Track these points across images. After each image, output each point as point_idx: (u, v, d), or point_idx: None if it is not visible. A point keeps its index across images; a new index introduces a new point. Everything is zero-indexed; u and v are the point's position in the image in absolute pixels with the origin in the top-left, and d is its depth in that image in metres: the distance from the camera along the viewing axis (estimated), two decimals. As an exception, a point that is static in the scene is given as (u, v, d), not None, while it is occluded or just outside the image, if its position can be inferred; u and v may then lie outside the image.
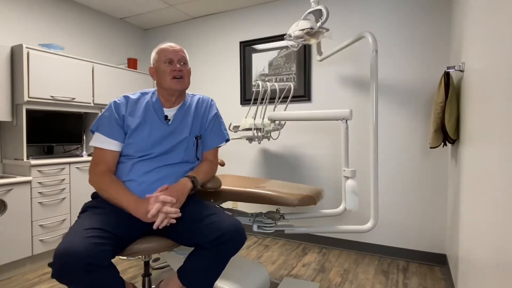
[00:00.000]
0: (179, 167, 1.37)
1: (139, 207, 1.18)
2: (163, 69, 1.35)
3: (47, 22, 2.76)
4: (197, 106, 1.48)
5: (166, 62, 1.35)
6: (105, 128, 1.31)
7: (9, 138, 2.40)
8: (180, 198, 1.25)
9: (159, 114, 1.39)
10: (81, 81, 2.64)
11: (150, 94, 1.43)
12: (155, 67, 1.39)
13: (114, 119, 1.32)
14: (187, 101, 1.47)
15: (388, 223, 2.48)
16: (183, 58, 1.39)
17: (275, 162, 2.94)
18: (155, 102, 1.40)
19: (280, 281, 2.02)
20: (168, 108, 1.42)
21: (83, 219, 1.14)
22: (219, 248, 1.18)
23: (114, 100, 1.37)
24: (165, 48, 1.38)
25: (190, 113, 1.45)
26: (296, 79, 2.82)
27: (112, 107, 1.35)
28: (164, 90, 1.39)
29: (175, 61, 1.36)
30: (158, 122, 1.37)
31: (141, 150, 1.32)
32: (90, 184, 1.28)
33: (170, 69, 1.35)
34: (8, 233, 2.09)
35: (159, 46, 1.40)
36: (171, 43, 1.41)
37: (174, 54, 1.36)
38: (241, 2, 2.97)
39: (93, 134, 1.33)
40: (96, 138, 1.31)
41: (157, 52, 1.39)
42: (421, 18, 2.35)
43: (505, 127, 0.83)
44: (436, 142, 1.82)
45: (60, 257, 0.96)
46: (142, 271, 2.19)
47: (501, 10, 0.90)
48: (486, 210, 1.04)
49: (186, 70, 1.39)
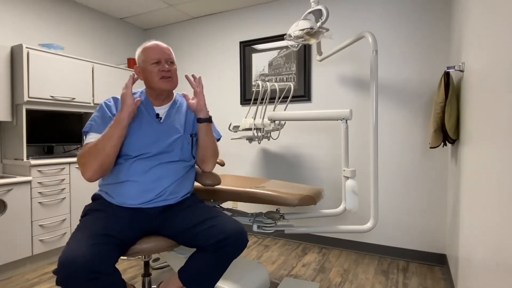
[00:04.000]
0: (176, 166, 1.37)
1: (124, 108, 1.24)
2: (150, 69, 1.33)
3: (47, 22, 2.76)
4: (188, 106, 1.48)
5: (153, 62, 1.32)
6: (99, 127, 1.28)
7: (9, 138, 2.40)
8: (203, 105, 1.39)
9: (150, 112, 1.38)
10: (81, 81, 2.64)
11: (138, 94, 1.42)
12: (141, 67, 1.36)
13: (108, 117, 1.31)
14: (177, 100, 1.47)
15: (388, 223, 2.48)
16: (170, 57, 1.36)
17: (275, 162, 2.94)
18: (144, 101, 1.40)
19: (280, 281, 2.02)
20: (158, 107, 1.41)
21: (85, 225, 1.14)
22: (221, 251, 1.18)
23: (104, 102, 1.37)
24: (151, 48, 1.34)
25: (182, 112, 1.45)
26: (296, 79, 2.82)
27: (104, 107, 1.35)
28: (152, 90, 1.38)
29: (162, 61, 1.33)
30: (150, 120, 1.37)
31: (136, 149, 1.30)
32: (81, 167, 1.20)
33: (158, 69, 1.32)
34: (8, 233, 2.09)
35: (144, 45, 1.36)
36: (157, 41, 1.37)
37: (161, 54, 1.33)
38: (241, 2, 2.97)
39: (85, 135, 1.29)
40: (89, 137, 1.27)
41: (142, 52, 1.35)
42: (421, 18, 2.35)
43: (505, 127, 0.83)
44: (436, 142, 1.82)
45: (65, 265, 0.96)
46: (142, 271, 2.19)
47: (501, 10, 0.90)
48: (486, 210, 1.04)
49: (173, 70, 1.38)
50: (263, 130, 2.33)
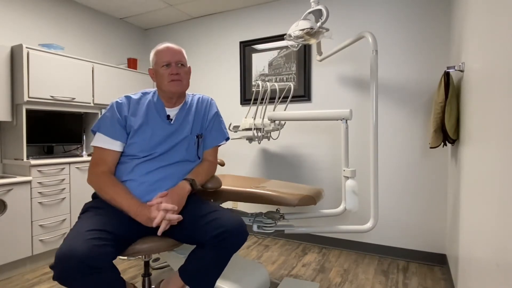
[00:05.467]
0: (180, 166, 1.37)
1: (140, 212, 1.18)
2: (161, 72, 1.35)
3: (47, 22, 2.76)
4: (197, 106, 1.48)
5: (163, 65, 1.34)
6: (107, 129, 1.31)
7: (9, 138, 2.40)
8: (180, 201, 1.26)
9: (161, 113, 1.39)
10: (81, 81, 2.64)
11: (151, 94, 1.43)
12: (154, 69, 1.39)
13: (116, 119, 1.32)
14: (188, 101, 1.48)
15: (388, 223, 2.48)
16: (180, 59, 1.37)
17: (275, 162, 2.94)
18: (156, 102, 1.40)
19: (280, 281, 2.02)
20: (170, 108, 1.42)
21: (84, 220, 1.14)
22: (221, 244, 1.17)
23: (116, 100, 1.36)
24: (162, 50, 1.36)
25: (191, 112, 1.45)
26: (296, 79, 2.82)
27: (114, 107, 1.34)
28: (163, 91, 1.39)
29: (172, 64, 1.35)
30: (161, 122, 1.37)
31: (144, 150, 1.32)
32: (89, 184, 1.28)
33: (168, 73, 1.34)
34: (8, 233, 2.09)
35: (157, 48, 1.38)
36: (169, 44, 1.38)
37: (171, 57, 1.35)
38: (241, 2, 2.97)
39: (94, 134, 1.33)
40: (98, 138, 1.31)
41: (155, 54, 1.37)
42: (421, 18, 2.35)
43: (505, 127, 0.83)
44: (436, 142, 1.82)
45: (62, 259, 0.95)
46: (142, 271, 2.19)
47: (501, 10, 0.90)
48: (486, 210, 1.04)
49: (184, 72, 1.38)
50: (263, 130, 2.33)
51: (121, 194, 1.22)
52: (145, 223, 1.17)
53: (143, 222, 1.18)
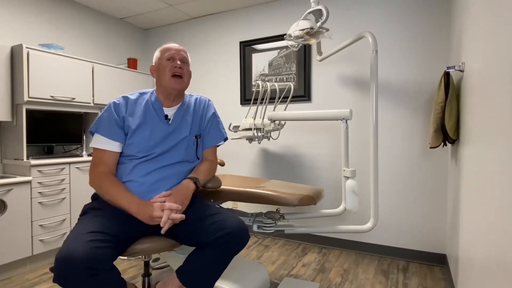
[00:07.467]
0: (179, 167, 1.37)
1: (142, 210, 1.17)
2: (164, 64, 1.37)
3: (47, 22, 2.76)
4: (195, 106, 1.49)
5: (167, 59, 1.37)
6: (105, 129, 1.31)
7: (9, 138, 2.40)
8: (185, 201, 1.25)
9: (159, 113, 1.39)
10: (81, 81, 2.64)
11: (149, 94, 1.43)
12: (156, 64, 1.41)
13: (114, 120, 1.32)
14: (186, 101, 1.48)
15: (388, 223, 2.48)
16: (184, 58, 1.41)
17: (275, 162, 2.94)
18: (154, 101, 1.40)
19: (280, 281, 2.02)
20: (167, 108, 1.42)
21: (83, 222, 1.14)
22: (223, 247, 1.17)
23: (113, 101, 1.36)
24: (168, 47, 1.40)
25: (189, 112, 1.46)
26: (296, 79, 2.82)
27: (112, 107, 1.34)
28: (163, 88, 1.39)
29: (176, 58, 1.38)
30: (159, 121, 1.37)
31: (142, 150, 1.32)
32: (91, 185, 1.28)
33: (171, 66, 1.36)
34: (8, 233, 2.09)
35: (163, 45, 1.42)
36: (175, 44, 1.43)
37: (176, 53, 1.39)
38: (241, 2, 2.97)
39: (92, 135, 1.33)
40: (96, 139, 1.31)
41: (160, 50, 1.41)
42: (421, 18, 2.35)
43: (505, 127, 0.83)
44: (436, 142, 1.82)
45: (62, 262, 0.95)
46: (142, 271, 2.19)
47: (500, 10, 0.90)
48: (486, 210, 1.04)
49: (186, 70, 1.40)
50: (263, 130, 2.33)
51: (121, 193, 1.21)
52: (147, 221, 1.17)
53: (144, 220, 1.17)
